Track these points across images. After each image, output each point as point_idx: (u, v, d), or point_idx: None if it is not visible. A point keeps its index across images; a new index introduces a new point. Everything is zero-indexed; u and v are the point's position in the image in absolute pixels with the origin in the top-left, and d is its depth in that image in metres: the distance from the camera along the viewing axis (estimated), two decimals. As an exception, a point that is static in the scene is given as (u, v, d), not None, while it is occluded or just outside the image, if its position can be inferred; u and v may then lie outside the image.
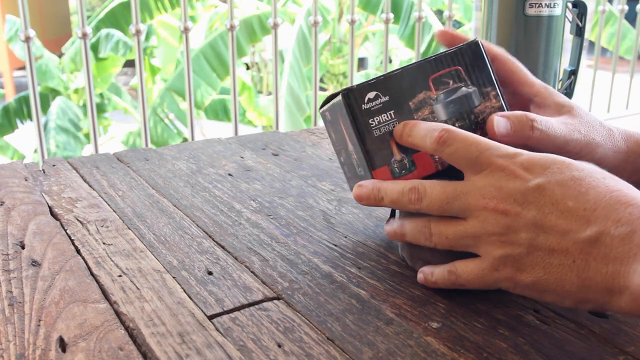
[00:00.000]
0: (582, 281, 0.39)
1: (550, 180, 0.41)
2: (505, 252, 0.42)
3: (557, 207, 0.40)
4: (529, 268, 0.41)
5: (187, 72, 1.66)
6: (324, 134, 0.99)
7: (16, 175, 0.77)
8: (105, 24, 4.93)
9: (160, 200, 0.69)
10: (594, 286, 0.39)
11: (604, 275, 0.38)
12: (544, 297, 0.42)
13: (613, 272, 0.38)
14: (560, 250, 0.40)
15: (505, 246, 0.42)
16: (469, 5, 5.30)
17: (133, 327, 0.44)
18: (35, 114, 1.52)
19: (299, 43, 4.78)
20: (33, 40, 1.48)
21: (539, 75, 0.89)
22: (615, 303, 0.38)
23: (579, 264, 0.39)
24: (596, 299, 0.39)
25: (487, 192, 0.43)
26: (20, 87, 8.20)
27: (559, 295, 0.41)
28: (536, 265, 0.41)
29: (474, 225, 0.43)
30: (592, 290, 0.39)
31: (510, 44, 0.89)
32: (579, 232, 0.39)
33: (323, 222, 0.63)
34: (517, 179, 0.42)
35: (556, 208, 0.40)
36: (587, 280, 0.39)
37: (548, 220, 0.40)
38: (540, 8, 0.86)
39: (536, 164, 0.42)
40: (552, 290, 0.41)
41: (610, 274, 0.38)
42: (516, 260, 0.42)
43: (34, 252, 0.56)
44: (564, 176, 0.41)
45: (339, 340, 0.43)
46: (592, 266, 0.39)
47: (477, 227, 0.43)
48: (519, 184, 0.42)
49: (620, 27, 2.62)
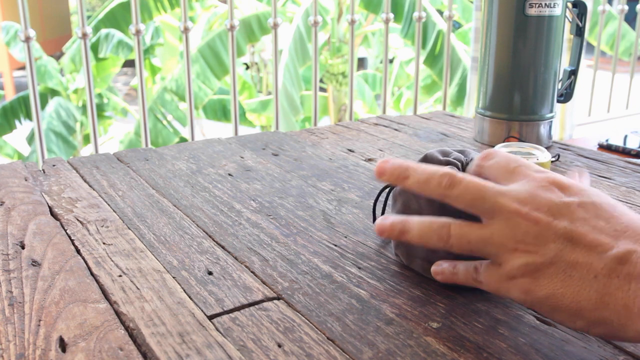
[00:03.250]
0: (601, 297, 0.38)
1: (586, 200, 0.41)
2: (526, 260, 0.40)
3: (589, 223, 0.40)
4: (546, 280, 0.40)
5: (187, 72, 1.66)
6: (324, 134, 0.99)
7: (16, 175, 0.77)
8: (105, 24, 4.93)
9: (160, 200, 0.69)
10: (612, 303, 0.37)
11: (625, 292, 0.37)
12: (556, 315, 0.40)
13: (635, 290, 0.37)
14: (584, 264, 0.39)
15: (528, 255, 0.41)
16: (468, 5, 5.30)
17: (133, 327, 0.44)
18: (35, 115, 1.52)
19: (296, 43, 4.77)
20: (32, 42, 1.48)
21: (539, 75, 0.89)
22: (631, 326, 0.37)
23: (600, 280, 0.38)
24: (612, 319, 0.38)
25: (523, 198, 0.42)
26: (20, 87, 8.20)
27: (573, 312, 0.39)
28: (555, 277, 0.39)
29: (501, 229, 0.42)
30: (609, 309, 0.38)
31: (510, 44, 0.89)
32: (607, 248, 0.38)
33: (323, 222, 0.63)
34: (553, 193, 0.42)
35: (588, 224, 0.40)
36: (606, 296, 0.38)
37: (578, 233, 0.40)
38: (540, 8, 0.86)
39: (573, 185, 0.43)
40: (566, 307, 0.39)
41: (632, 292, 0.37)
42: (536, 269, 0.40)
43: (34, 252, 0.56)
44: (600, 199, 0.41)
45: (339, 340, 0.43)
46: (614, 283, 0.37)
47: (505, 232, 0.42)
48: (554, 197, 0.42)
49: (620, 27, 2.62)
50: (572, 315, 0.39)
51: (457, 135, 0.99)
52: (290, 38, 4.76)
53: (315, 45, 1.83)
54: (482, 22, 0.93)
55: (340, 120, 6.14)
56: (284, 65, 4.67)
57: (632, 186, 0.75)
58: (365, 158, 0.86)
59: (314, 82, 1.86)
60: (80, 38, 1.51)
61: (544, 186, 0.42)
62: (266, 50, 7.04)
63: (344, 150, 0.90)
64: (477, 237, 0.43)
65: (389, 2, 1.88)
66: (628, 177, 0.79)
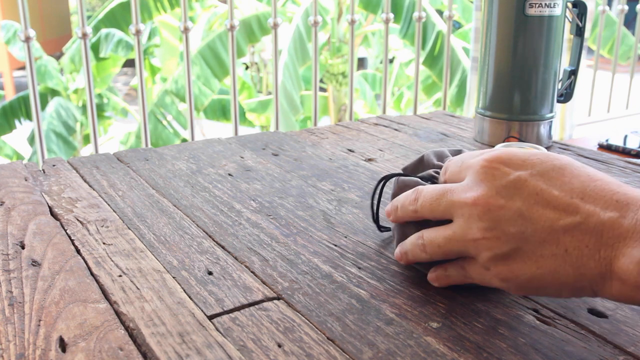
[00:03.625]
0: (577, 270, 0.39)
1: (532, 172, 0.41)
2: (493, 252, 0.41)
3: (542, 196, 0.40)
4: (519, 264, 0.40)
5: (187, 72, 1.66)
6: (324, 134, 0.99)
7: (16, 175, 0.77)
8: (104, 24, 4.93)
9: (160, 200, 0.69)
10: (588, 273, 0.38)
11: (597, 261, 0.38)
12: (541, 294, 0.42)
13: (605, 258, 0.38)
14: (551, 240, 0.39)
15: (493, 245, 0.41)
16: (467, 5, 5.30)
17: (133, 327, 0.44)
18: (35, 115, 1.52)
19: (295, 43, 4.77)
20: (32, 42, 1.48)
21: (539, 75, 0.89)
22: (607, 289, 0.38)
23: (571, 253, 0.38)
24: (591, 286, 0.39)
25: (470, 187, 0.43)
26: (20, 87, 8.20)
27: (556, 289, 0.40)
28: (528, 259, 0.40)
29: (459, 225, 0.43)
30: (587, 278, 0.39)
31: (510, 44, 0.89)
32: (568, 219, 0.38)
33: (323, 222, 0.63)
34: (499, 171, 0.42)
35: (542, 198, 0.40)
36: (581, 268, 0.38)
37: (535, 211, 0.40)
38: (540, 8, 0.86)
39: (516, 157, 0.42)
40: (549, 286, 0.40)
41: (603, 259, 0.38)
42: (505, 257, 0.41)
43: (34, 252, 0.56)
44: (545, 166, 0.41)
45: (339, 340, 0.43)
46: (585, 253, 0.38)
47: (464, 226, 0.42)
48: (501, 176, 0.41)
49: (620, 27, 2.62)
50: (556, 291, 0.40)
51: (457, 135, 0.99)
52: (290, 38, 4.76)
53: (316, 45, 1.83)
54: (482, 22, 0.92)
55: (340, 120, 6.14)
56: (283, 65, 4.66)
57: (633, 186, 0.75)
58: (365, 158, 0.86)
59: (314, 82, 1.86)
60: (80, 38, 1.51)
61: (488, 169, 0.42)
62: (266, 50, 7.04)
63: (344, 150, 0.90)
64: (443, 238, 0.44)
65: (389, 2, 1.88)
66: (628, 177, 0.79)
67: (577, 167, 0.41)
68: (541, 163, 0.41)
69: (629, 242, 0.37)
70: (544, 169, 0.41)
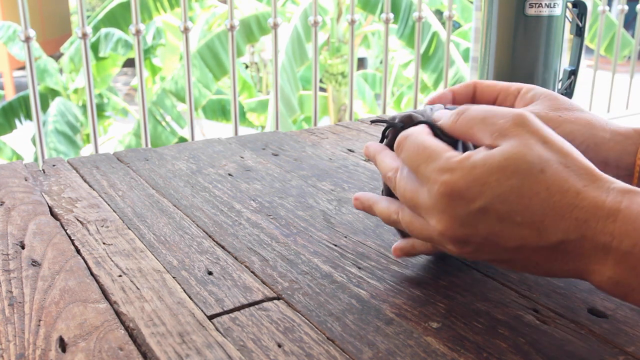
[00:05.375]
0: (547, 273, 0.42)
1: (492, 201, 0.40)
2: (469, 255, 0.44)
3: (506, 223, 0.40)
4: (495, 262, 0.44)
5: (187, 72, 1.66)
6: (324, 134, 0.99)
7: (16, 175, 0.77)
8: (105, 24, 4.93)
9: (160, 200, 0.69)
10: (560, 275, 0.42)
11: (567, 272, 0.41)
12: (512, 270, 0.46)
13: (575, 269, 0.40)
14: (522, 257, 0.41)
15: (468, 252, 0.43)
16: (467, 5, 5.30)
17: (133, 327, 0.44)
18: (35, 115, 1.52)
19: (293, 43, 4.77)
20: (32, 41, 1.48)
21: (539, 75, 0.89)
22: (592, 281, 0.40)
23: (542, 265, 0.41)
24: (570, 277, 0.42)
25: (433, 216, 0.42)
26: (20, 86, 8.20)
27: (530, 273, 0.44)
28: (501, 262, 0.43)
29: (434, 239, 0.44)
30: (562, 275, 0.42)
31: (510, 44, 0.89)
32: (535, 242, 0.40)
33: (323, 222, 0.63)
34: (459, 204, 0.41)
35: (507, 225, 0.40)
36: (551, 273, 0.42)
37: (502, 237, 0.40)
38: (540, 8, 0.86)
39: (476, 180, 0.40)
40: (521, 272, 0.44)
41: (572, 271, 0.40)
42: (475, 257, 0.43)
43: (34, 252, 0.56)
44: (503, 189, 0.39)
45: (339, 340, 0.43)
46: (556, 266, 0.41)
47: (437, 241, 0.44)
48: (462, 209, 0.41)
49: (620, 27, 2.62)
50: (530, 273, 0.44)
51: (457, 135, 0.99)
52: (288, 38, 4.75)
53: (315, 45, 1.83)
54: (482, 22, 0.92)
55: (340, 120, 6.14)
56: (281, 65, 4.66)
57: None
58: (366, 158, 0.86)
59: (314, 82, 1.86)
60: (80, 38, 1.51)
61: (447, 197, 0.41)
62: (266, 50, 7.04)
63: (344, 150, 0.90)
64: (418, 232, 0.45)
65: (389, 2, 1.88)
66: (628, 177, 0.79)
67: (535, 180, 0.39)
68: (499, 185, 0.40)
69: (594, 260, 0.38)
70: (503, 193, 0.40)
